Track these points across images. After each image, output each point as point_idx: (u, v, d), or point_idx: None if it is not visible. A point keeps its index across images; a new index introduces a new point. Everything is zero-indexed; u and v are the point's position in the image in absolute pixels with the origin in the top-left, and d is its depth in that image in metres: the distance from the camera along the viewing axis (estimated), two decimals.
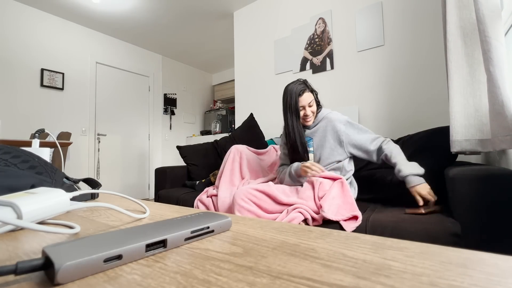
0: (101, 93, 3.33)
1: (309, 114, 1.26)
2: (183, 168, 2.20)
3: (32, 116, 2.72)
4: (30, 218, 0.26)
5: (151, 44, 3.72)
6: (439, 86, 1.71)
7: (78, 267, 0.15)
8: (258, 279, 0.15)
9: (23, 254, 0.20)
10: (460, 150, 1.05)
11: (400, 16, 1.88)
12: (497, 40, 0.88)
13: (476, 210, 0.85)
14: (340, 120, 1.28)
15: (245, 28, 2.83)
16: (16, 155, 0.44)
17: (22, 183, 0.37)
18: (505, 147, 0.84)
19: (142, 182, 3.74)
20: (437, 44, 1.73)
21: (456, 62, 1.07)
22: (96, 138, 3.25)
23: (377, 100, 1.95)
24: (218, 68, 4.71)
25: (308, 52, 2.32)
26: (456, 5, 1.09)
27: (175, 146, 4.19)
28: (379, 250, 0.20)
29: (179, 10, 2.93)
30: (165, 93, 4.08)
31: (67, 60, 3.02)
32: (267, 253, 0.20)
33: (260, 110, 2.64)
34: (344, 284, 0.15)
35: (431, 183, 1.29)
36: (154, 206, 0.42)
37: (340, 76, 2.14)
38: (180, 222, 0.24)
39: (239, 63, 2.87)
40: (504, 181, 0.82)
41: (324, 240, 0.23)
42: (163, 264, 0.18)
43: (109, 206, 0.30)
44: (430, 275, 0.15)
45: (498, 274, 0.15)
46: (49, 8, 2.80)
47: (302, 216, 1.09)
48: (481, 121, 1.02)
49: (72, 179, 0.52)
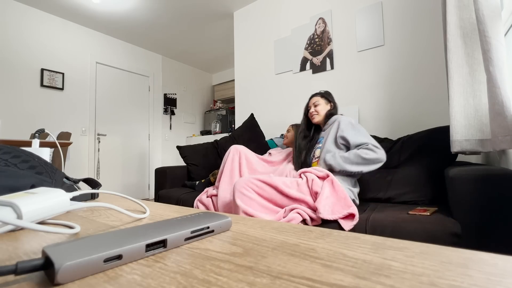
0: (101, 93, 3.33)
1: (313, 111, 1.52)
2: (183, 168, 2.20)
3: (32, 116, 2.72)
4: (30, 218, 0.26)
5: (151, 44, 3.72)
6: (439, 86, 1.71)
7: (78, 267, 0.15)
8: (258, 279, 0.15)
9: (23, 254, 0.20)
10: (460, 150, 1.05)
11: (400, 16, 1.88)
12: (497, 40, 0.88)
13: (476, 210, 0.85)
14: (344, 119, 1.37)
15: (245, 28, 2.84)
16: (16, 155, 0.44)
17: (22, 183, 0.37)
18: (505, 147, 0.84)
19: (142, 182, 3.74)
20: (437, 44, 1.73)
21: (456, 62, 1.07)
22: (96, 138, 3.25)
23: (377, 100, 1.95)
24: (218, 68, 4.71)
25: (308, 52, 2.32)
26: (456, 5, 1.09)
27: (175, 146, 4.19)
28: (379, 250, 0.20)
29: (179, 10, 2.93)
30: (165, 93, 4.08)
31: (67, 60, 3.02)
32: (267, 253, 0.20)
33: (260, 110, 2.64)
34: (344, 284, 0.15)
35: (431, 183, 1.30)
36: (154, 206, 0.42)
37: (340, 76, 2.14)
38: (180, 222, 0.24)
39: (239, 63, 2.87)
40: (504, 181, 0.82)
41: (324, 240, 0.23)
42: (163, 264, 0.18)
43: (109, 206, 0.30)
44: (430, 275, 0.15)
45: (498, 274, 0.15)
46: (49, 8, 2.80)
47: (301, 217, 1.09)
48: (481, 121, 1.02)
49: (72, 179, 0.52)
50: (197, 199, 1.55)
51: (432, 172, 1.31)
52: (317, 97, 1.54)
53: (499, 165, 1.14)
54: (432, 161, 1.34)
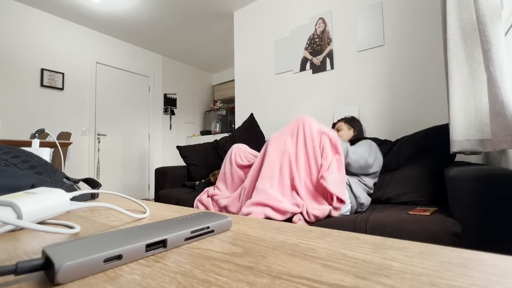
0: (101, 93, 3.33)
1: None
2: (183, 168, 2.20)
3: (32, 116, 2.72)
4: (30, 218, 0.26)
5: (151, 44, 3.72)
6: (439, 86, 1.71)
7: (78, 267, 0.15)
8: (258, 279, 0.15)
9: (23, 254, 0.20)
10: (461, 150, 1.05)
11: (400, 16, 1.88)
12: (497, 40, 0.88)
13: (476, 210, 0.85)
14: (365, 141, 1.42)
15: (245, 28, 2.84)
16: (16, 155, 0.44)
17: (22, 183, 0.37)
18: (505, 147, 0.84)
19: (142, 182, 3.74)
20: (437, 44, 1.73)
21: (456, 62, 1.07)
22: (96, 138, 3.25)
23: (377, 100, 1.95)
24: (218, 68, 4.71)
25: (308, 52, 2.32)
26: (456, 5, 1.09)
27: (175, 146, 4.19)
28: (379, 250, 0.20)
29: (179, 10, 2.93)
30: (165, 93, 4.08)
31: (67, 60, 3.02)
32: (267, 253, 0.20)
33: (260, 110, 2.64)
34: (344, 284, 0.15)
35: (431, 183, 1.30)
36: (154, 206, 0.42)
37: (340, 76, 2.14)
38: (180, 222, 0.24)
39: (239, 63, 2.87)
40: (504, 181, 0.82)
41: (324, 240, 0.23)
42: (163, 264, 0.18)
43: (109, 206, 0.30)
44: (430, 275, 0.15)
45: (498, 274, 0.15)
46: (49, 8, 2.80)
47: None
48: (481, 121, 1.02)
49: (72, 179, 0.52)
50: (197, 199, 1.55)
51: (431, 172, 1.31)
52: (341, 123, 1.61)
53: (499, 165, 1.14)
54: (431, 161, 1.34)
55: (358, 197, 1.23)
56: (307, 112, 2.31)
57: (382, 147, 1.56)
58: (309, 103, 2.30)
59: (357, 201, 1.23)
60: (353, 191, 1.24)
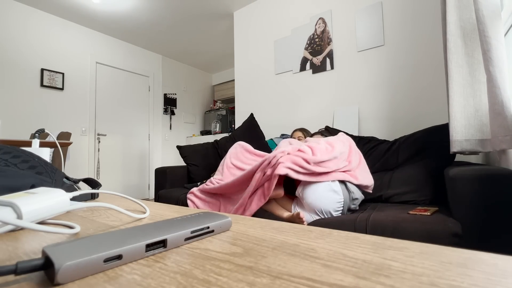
0: (101, 93, 3.33)
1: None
2: (183, 168, 2.20)
3: (32, 116, 2.72)
4: (30, 218, 0.26)
5: (151, 44, 3.72)
6: (439, 86, 1.71)
7: (78, 267, 0.15)
8: (258, 279, 0.15)
9: (23, 254, 0.20)
10: (460, 150, 1.05)
11: (400, 16, 1.88)
12: (497, 40, 0.88)
13: (476, 210, 0.85)
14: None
15: (245, 28, 2.83)
16: (16, 155, 0.44)
17: (22, 183, 0.37)
18: (505, 147, 0.84)
19: (142, 182, 3.74)
20: (437, 44, 1.73)
21: (456, 62, 1.07)
22: (96, 138, 3.25)
23: (377, 100, 1.95)
24: (218, 68, 4.71)
25: (308, 52, 2.32)
26: (456, 5, 1.09)
27: (175, 146, 4.19)
28: (379, 250, 0.20)
29: (179, 10, 2.93)
30: (165, 93, 4.08)
31: (67, 60, 3.02)
32: (267, 253, 0.20)
33: (260, 110, 2.64)
34: (344, 284, 0.15)
35: (431, 183, 1.30)
36: (154, 206, 0.42)
37: (340, 76, 2.14)
38: (180, 222, 0.24)
39: (239, 63, 2.87)
40: (504, 181, 0.82)
41: (324, 240, 0.23)
42: (163, 264, 0.18)
43: (109, 206, 0.30)
44: (430, 275, 0.15)
45: (498, 274, 0.15)
46: (49, 8, 2.80)
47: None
48: (481, 121, 1.02)
49: (72, 179, 0.52)
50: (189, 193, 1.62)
51: (431, 171, 1.31)
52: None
53: (499, 165, 1.13)
54: (431, 160, 1.34)
55: (352, 192, 1.23)
56: (307, 112, 2.31)
57: (382, 146, 1.56)
58: (309, 103, 2.30)
59: (350, 196, 1.22)
60: (347, 186, 1.23)
